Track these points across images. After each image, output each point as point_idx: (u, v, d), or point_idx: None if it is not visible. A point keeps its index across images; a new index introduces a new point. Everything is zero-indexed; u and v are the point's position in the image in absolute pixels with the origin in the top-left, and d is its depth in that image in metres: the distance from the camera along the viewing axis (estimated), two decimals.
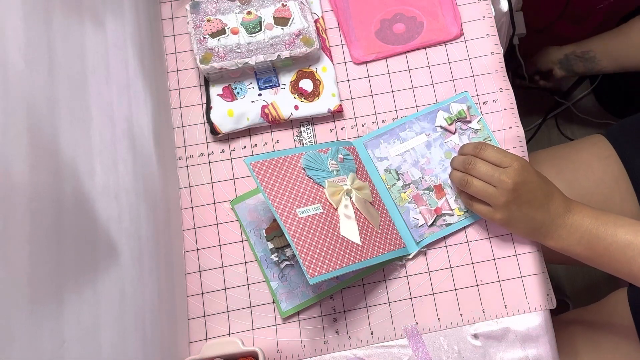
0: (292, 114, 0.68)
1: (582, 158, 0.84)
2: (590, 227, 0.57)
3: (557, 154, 0.86)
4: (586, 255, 0.58)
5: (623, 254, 0.55)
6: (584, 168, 0.82)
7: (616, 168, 0.81)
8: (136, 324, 0.50)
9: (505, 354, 0.61)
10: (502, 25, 0.78)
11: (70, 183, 0.42)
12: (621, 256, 0.56)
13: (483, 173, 0.59)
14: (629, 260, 0.55)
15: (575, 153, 0.85)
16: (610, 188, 0.81)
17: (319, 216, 0.58)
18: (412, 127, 0.69)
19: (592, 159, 0.83)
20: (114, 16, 0.57)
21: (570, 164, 0.83)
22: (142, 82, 0.61)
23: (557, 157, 0.60)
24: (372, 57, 0.72)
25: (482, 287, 0.64)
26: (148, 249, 0.55)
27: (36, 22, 0.41)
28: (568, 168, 0.59)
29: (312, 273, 0.54)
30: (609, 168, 0.82)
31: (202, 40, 0.69)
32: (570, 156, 0.85)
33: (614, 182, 0.81)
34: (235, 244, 0.66)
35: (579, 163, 0.83)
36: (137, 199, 0.55)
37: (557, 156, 0.64)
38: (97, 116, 0.49)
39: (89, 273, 0.43)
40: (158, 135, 0.63)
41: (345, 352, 0.62)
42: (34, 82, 0.39)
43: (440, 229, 0.65)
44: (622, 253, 0.56)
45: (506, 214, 0.59)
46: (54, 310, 0.38)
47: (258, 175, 0.57)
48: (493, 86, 0.70)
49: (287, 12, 0.70)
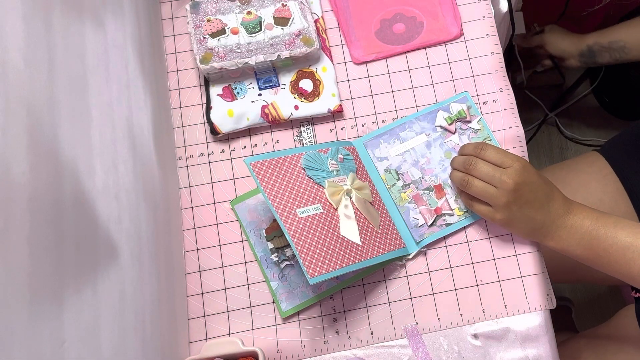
0: (292, 114, 0.68)
1: (579, 179, 0.83)
2: (591, 228, 0.57)
3: (554, 176, 0.85)
4: (585, 256, 0.58)
5: (622, 255, 0.56)
6: (582, 190, 0.82)
7: (614, 187, 0.81)
8: (136, 324, 0.50)
9: (505, 354, 0.61)
10: (501, 25, 0.78)
11: (70, 183, 0.42)
12: (621, 258, 0.56)
13: (484, 173, 0.59)
14: (629, 262, 0.55)
15: (573, 175, 0.84)
16: (610, 208, 0.80)
17: (319, 216, 0.58)
18: (412, 127, 0.69)
19: (590, 180, 0.83)
20: (114, 16, 0.57)
21: (568, 186, 0.82)
22: (142, 82, 0.61)
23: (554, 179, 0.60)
24: (372, 57, 0.72)
25: (482, 287, 0.64)
26: (148, 249, 0.55)
27: (36, 22, 0.41)
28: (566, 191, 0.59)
29: (312, 273, 0.54)
30: (607, 188, 0.81)
31: (202, 40, 0.69)
32: (567, 179, 0.84)
33: (613, 202, 0.81)
34: (235, 244, 0.66)
35: (577, 185, 0.83)
36: (137, 199, 0.54)
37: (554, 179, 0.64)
38: (97, 116, 0.49)
39: (89, 273, 0.43)
40: (158, 135, 0.63)
41: (345, 352, 0.62)
42: (34, 82, 0.39)
43: (440, 229, 0.65)
44: (622, 255, 0.56)
45: (507, 214, 0.59)
46: (54, 310, 0.38)
47: (258, 175, 0.57)
48: (493, 86, 0.70)
49: (287, 12, 0.70)
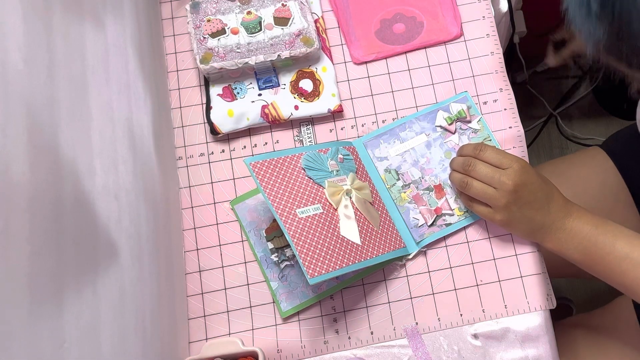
0: (292, 114, 0.68)
1: (580, 173, 0.83)
2: (589, 234, 0.57)
3: (555, 170, 0.85)
4: (581, 261, 0.58)
5: (618, 265, 0.56)
6: (583, 183, 0.82)
7: (615, 181, 0.81)
8: (136, 324, 0.50)
9: (505, 354, 0.61)
10: (501, 25, 0.78)
11: (70, 183, 0.42)
12: (616, 267, 0.56)
13: (483, 174, 0.58)
14: (623, 272, 0.56)
15: (574, 168, 0.84)
16: (610, 202, 0.80)
17: (319, 216, 0.58)
18: (412, 127, 0.69)
19: (591, 174, 0.82)
20: (114, 16, 0.57)
21: (569, 180, 0.82)
22: (142, 82, 0.61)
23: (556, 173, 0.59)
24: (372, 57, 0.72)
25: (482, 287, 0.64)
26: (148, 249, 0.55)
27: (36, 22, 0.41)
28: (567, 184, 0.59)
29: (312, 273, 0.54)
30: (608, 182, 0.81)
31: (202, 40, 0.69)
32: (569, 172, 0.84)
33: (613, 196, 0.81)
34: (235, 244, 0.66)
35: (578, 178, 0.83)
36: (137, 199, 0.55)
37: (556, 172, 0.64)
38: (97, 116, 0.49)
39: (89, 273, 0.43)
40: (158, 135, 0.63)
41: (345, 352, 0.62)
42: (34, 82, 0.39)
43: (440, 229, 0.65)
44: (618, 264, 0.56)
45: (506, 215, 0.59)
46: (54, 310, 0.38)
47: (258, 175, 0.57)
48: (493, 86, 0.70)
49: (287, 12, 0.70)
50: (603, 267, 0.57)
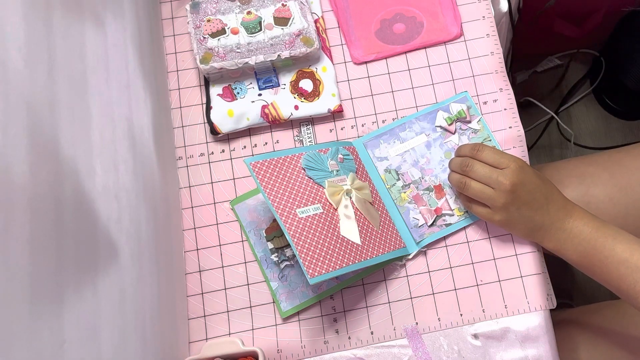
0: (292, 114, 0.68)
1: (636, 164, 0.82)
2: (589, 237, 0.57)
3: (611, 158, 0.84)
4: (580, 262, 0.58)
5: (616, 269, 0.56)
6: (638, 174, 0.81)
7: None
8: (136, 324, 0.50)
9: (505, 354, 0.61)
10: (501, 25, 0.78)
11: (70, 183, 0.42)
12: (614, 271, 0.56)
13: (481, 175, 0.58)
14: (621, 276, 0.56)
15: (630, 159, 0.83)
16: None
17: (319, 216, 0.58)
18: (412, 127, 0.69)
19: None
20: (114, 16, 0.57)
21: (624, 168, 0.81)
22: (142, 82, 0.61)
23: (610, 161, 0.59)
24: (372, 57, 0.72)
25: (482, 287, 0.64)
26: (148, 249, 0.55)
27: (36, 21, 0.41)
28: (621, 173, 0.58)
29: (312, 273, 0.54)
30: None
31: (202, 40, 0.69)
32: (624, 161, 0.83)
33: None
34: (235, 244, 0.66)
35: (634, 169, 0.81)
36: (137, 199, 0.55)
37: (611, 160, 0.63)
38: (97, 116, 0.49)
39: (89, 273, 0.43)
40: (158, 135, 0.63)
41: (345, 352, 0.62)
42: (34, 82, 0.39)
43: (440, 229, 0.65)
44: (616, 268, 0.56)
45: (505, 215, 0.59)
46: (54, 310, 0.38)
47: (258, 175, 0.57)
48: (493, 86, 0.70)
49: (287, 12, 0.70)
50: (600, 269, 0.57)
